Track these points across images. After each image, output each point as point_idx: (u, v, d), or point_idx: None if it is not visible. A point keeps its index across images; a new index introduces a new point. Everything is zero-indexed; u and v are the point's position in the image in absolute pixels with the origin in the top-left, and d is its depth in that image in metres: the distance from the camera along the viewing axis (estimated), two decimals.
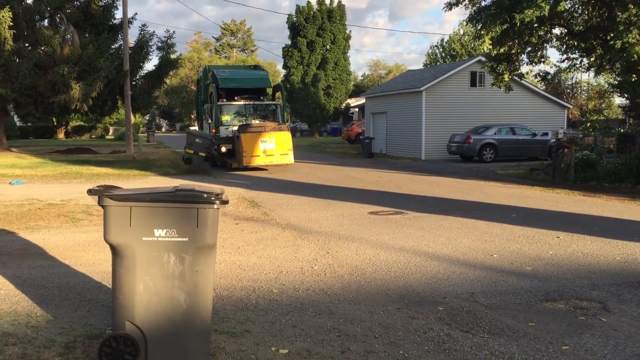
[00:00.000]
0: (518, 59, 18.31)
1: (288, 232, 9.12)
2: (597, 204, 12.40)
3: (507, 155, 24.68)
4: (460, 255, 7.59)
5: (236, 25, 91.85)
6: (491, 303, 5.65)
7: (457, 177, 18.57)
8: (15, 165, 21.40)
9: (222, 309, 5.27)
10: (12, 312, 5.11)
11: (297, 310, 5.34)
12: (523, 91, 28.43)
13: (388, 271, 6.77)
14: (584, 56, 17.99)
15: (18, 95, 25.67)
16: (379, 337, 4.70)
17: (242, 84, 23.11)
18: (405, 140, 29.63)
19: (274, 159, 19.94)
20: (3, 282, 6.06)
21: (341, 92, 51.63)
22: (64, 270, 6.65)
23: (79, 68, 25.41)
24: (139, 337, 3.86)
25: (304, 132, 58.40)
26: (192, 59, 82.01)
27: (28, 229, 9.14)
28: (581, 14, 17.08)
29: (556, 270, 6.83)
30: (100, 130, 60.98)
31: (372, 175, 18.84)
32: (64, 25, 26.80)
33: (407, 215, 10.71)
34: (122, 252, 3.84)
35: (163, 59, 29.84)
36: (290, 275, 6.57)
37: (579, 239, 8.52)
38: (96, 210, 10.76)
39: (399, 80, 35.93)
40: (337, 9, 50.65)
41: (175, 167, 21.60)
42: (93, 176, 17.92)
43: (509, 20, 15.86)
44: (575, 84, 48.65)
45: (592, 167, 17.22)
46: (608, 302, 5.66)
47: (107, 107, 30.59)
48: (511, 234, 8.95)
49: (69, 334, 4.55)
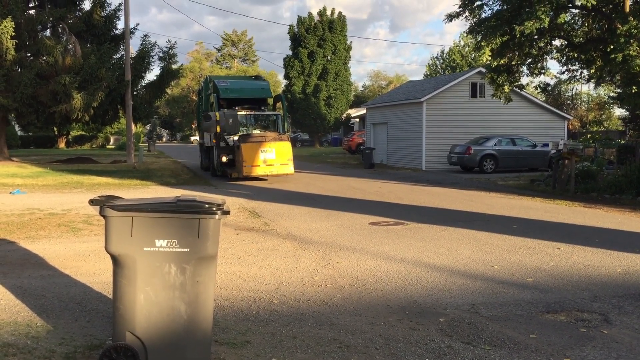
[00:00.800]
0: (518, 70, 18.41)
1: (289, 243, 9.11)
2: (598, 215, 12.40)
3: (508, 166, 24.70)
4: (461, 266, 7.58)
5: (237, 36, 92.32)
6: (492, 314, 5.63)
7: (458, 187, 18.57)
8: (16, 174, 21.42)
9: (222, 320, 5.26)
10: (12, 322, 5.10)
11: (297, 321, 5.33)
12: (523, 102, 28.51)
13: (389, 282, 6.76)
14: (584, 68, 18.08)
15: (19, 105, 25.75)
16: (380, 349, 4.68)
17: (243, 94, 23.18)
18: (405, 151, 29.66)
19: (274, 169, 19.95)
20: (3, 292, 6.05)
21: (342, 103, 51.79)
22: (64, 280, 6.64)
23: (80, 78, 25.51)
24: (140, 348, 3.86)
25: (305, 142, 58.48)
26: (194, 69, 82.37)
27: (29, 239, 9.14)
28: (581, 26, 17.19)
29: (557, 281, 6.81)
30: (101, 140, 61.13)
31: (372, 186, 18.84)
32: (66, 35, 26.95)
33: (407, 226, 10.70)
34: (123, 263, 3.84)
35: (164, 69, 29.97)
36: (290, 286, 6.56)
37: (579, 251, 8.51)
38: (97, 220, 10.76)
39: (400, 91, 36.04)
40: (338, 20, 50.94)
41: (176, 177, 21.62)
42: (94, 186, 17.93)
43: (509, 31, 15.95)
44: (575, 95, 48.80)
45: (593, 179, 17.23)
46: (609, 314, 5.64)
47: (109, 116, 30.68)
48: (512, 245, 8.93)
49: (70, 345, 4.54)
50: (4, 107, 25.80)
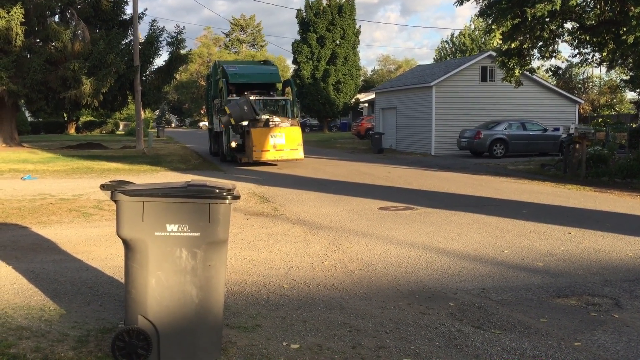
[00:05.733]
0: (529, 54, 18.21)
1: (298, 228, 9.13)
2: (609, 199, 12.32)
3: (518, 150, 24.54)
4: (471, 250, 7.57)
5: (246, 21, 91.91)
6: (502, 299, 5.63)
7: (468, 172, 18.50)
8: (27, 160, 21.55)
9: (233, 304, 5.29)
10: (26, 306, 5.16)
11: (307, 306, 5.35)
12: (534, 86, 28.25)
13: (399, 266, 6.77)
14: (596, 51, 17.86)
15: (29, 91, 25.85)
16: (390, 333, 4.70)
17: (252, 79, 23.12)
18: (415, 136, 29.54)
19: (283, 154, 19.94)
20: (16, 276, 6.12)
21: (351, 88, 51.51)
22: (76, 264, 6.70)
23: (89, 63, 25.54)
24: (151, 332, 3.89)
25: (314, 127, 58.33)
26: (202, 54, 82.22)
27: (40, 224, 9.21)
28: (593, 8, 16.93)
29: (568, 266, 6.79)
30: (111, 126, 61.31)
31: (382, 171, 18.80)
32: (75, 21, 26.97)
33: (417, 211, 10.69)
34: (134, 247, 3.86)
35: (173, 55, 29.93)
36: (300, 270, 6.58)
37: (590, 235, 8.47)
38: (107, 205, 10.82)
39: (409, 75, 35.80)
40: (346, 4, 50.49)
41: (185, 162, 21.68)
42: (104, 171, 18.01)
43: (520, 14, 15.74)
44: (586, 78, 48.30)
45: (604, 163, 17.09)
46: (620, 299, 5.63)
47: (118, 102, 30.74)
48: (522, 229, 8.91)
49: (82, 328, 4.59)
50: (14, 93, 25.90)
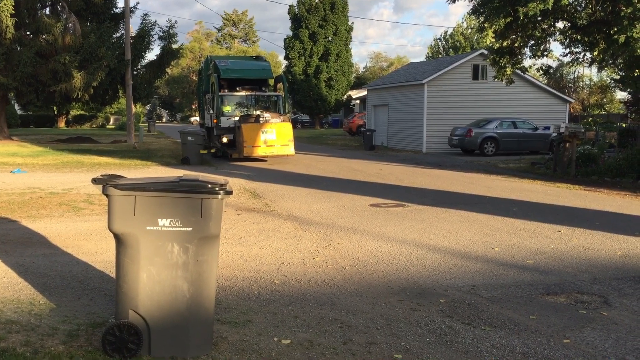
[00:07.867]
0: (521, 52, 18.26)
1: (289, 224, 9.13)
2: (599, 198, 12.41)
3: (509, 148, 24.66)
4: (462, 248, 7.61)
5: (238, 16, 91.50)
6: (492, 296, 5.66)
7: (458, 170, 18.56)
8: (16, 153, 21.40)
9: (224, 299, 5.28)
10: (15, 299, 5.13)
11: (299, 301, 5.36)
12: (525, 85, 28.37)
13: (389, 263, 6.79)
14: (587, 50, 17.92)
15: (19, 84, 25.65)
16: (381, 329, 4.72)
17: (244, 74, 23.07)
18: (406, 133, 29.59)
19: (274, 150, 19.92)
20: (6, 270, 6.08)
21: (343, 84, 51.48)
22: (66, 259, 6.66)
23: (80, 57, 25.37)
24: (142, 326, 3.88)
25: (305, 123, 58.28)
26: (194, 49, 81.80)
27: (30, 218, 9.15)
28: (585, 7, 17.00)
29: (557, 264, 6.84)
30: (101, 120, 60.95)
31: (373, 168, 18.83)
32: (66, 13, 26.75)
33: (408, 208, 10.71)
34: (126, 242, 3.85)
35: (164, 49, 29.77)
36: (292, 266, 6.58)
37: (580, 233, 8.53)
38: (98, 200, 10.77)
39: (401, 72, 35.84)
40: (339, 0, 50.44)
41: (177, 157, 21.58)
42: (94, 165, 17.92)
43: (512, 13, 15.78)
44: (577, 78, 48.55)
45: (594, 162, 17.22)
46: (609, 296, 5.68)
47: (108, 96, 30.57)
48: (512, 227, 8.95)
49: (72, 322, 4.57)
50: (3, 86, 25.70)
